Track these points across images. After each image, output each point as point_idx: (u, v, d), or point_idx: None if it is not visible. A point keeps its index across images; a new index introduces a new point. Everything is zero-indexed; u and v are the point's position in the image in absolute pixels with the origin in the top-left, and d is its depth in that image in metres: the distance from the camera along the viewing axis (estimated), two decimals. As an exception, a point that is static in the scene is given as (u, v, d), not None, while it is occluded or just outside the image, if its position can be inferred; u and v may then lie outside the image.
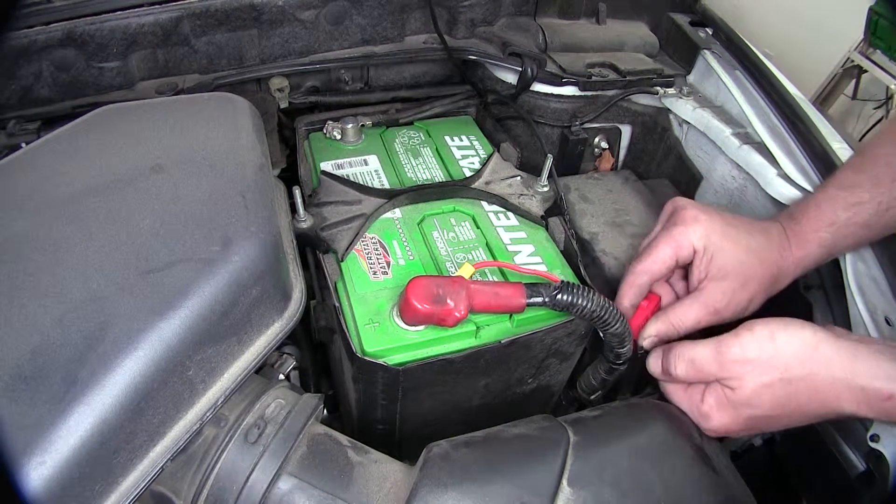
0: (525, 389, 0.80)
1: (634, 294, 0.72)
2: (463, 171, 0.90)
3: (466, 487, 0.55)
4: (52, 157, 0.65)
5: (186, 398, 0.53)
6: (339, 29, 1.01)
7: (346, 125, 0.92)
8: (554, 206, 0.86)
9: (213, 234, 0.56)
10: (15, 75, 0.86)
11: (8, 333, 0.47)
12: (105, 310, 0.49)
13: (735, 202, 0.92)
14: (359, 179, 0.85)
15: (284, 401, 0.60)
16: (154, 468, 0.50)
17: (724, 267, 0.69)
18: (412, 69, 1.09)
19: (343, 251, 0.74)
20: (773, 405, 0.60)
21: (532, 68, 1.00)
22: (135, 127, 0.68)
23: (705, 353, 0.63)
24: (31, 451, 0.42)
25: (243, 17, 0.93)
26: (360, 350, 0.65)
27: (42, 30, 0.84)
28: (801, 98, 0.93)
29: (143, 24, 0.89)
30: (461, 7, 1.06)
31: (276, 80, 0.97)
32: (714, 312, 0.70)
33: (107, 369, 0.46)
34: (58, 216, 0.56)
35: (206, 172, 0.61)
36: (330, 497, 0.56)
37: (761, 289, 0.71)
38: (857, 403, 0.57)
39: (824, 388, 0.58)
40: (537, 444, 0.60)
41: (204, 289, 0.52)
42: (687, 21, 1.17)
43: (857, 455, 0.72)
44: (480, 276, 0.73)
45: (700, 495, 0.59)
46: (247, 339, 0.58)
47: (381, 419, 0.72)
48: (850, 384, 0.57)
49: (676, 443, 0.62)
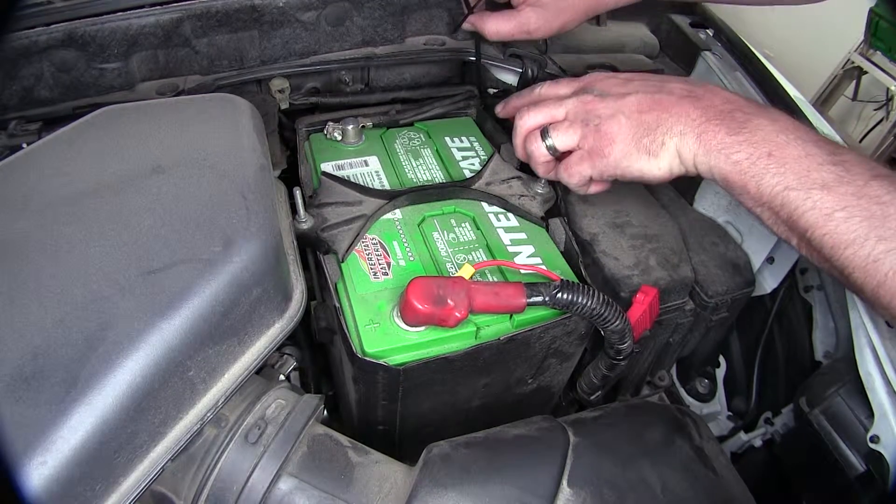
0: (525, 390, 0.80)
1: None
2: (463, 172, 0.90)
3: (466, 488, 0.55)
4: (52, 158, 0.65)
5: (187, 398, 0.53)
6: (339, 30, 1.01)
7: (347, 126, 0.92)
8: (554, 207, 0.86)
9: (213, 234, 0.56)
10: (16, 76, 0.86)
11: (9, 334, 0.47)
12: (106, 310, 0.49)
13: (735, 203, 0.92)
14: (359, 180, 0.85)
15: (285, 401, 0.60)
16: (155, 468, 0.50)
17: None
18: (413, 70, 1.09)
19: (343, 252, 0.74)
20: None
21: (532, 69, 1.00)
22: (136, 128, 0.68)
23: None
24: (31, 451, 0.42)
25: (244, 18, 0.93)
26: (361, 350, 0.65)
27: (43, 31, 0.84)
28: (801, 99, 0.93)
29: (144, 25, 0.89)
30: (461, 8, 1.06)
31: (276, 81, 0.97)
32: (527, 31, 0.89)
33: (108, 369, 0.46)
34: (59, 216, 0.57)
35: (206, 173, 0.61)
36: (330, 497, 0.56)
37: (576, 17, 0.89)
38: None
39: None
40: (537, 444, 0.60)
41: (205, 289, 0.52)
42: (687, 22, 1.17)
43: (857, 456, 0.72)
44: (481, 276, 0.73)
45: (700, 496, 0.59)
46: (247, 339, 0.58)
47: (381, 420, 0.73)
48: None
49: (676, 443, 0.62)
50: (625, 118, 0.68)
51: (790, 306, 0.95)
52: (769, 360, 1.00)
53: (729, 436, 1.03)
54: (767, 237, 0.87)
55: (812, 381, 0.80)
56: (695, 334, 0.96)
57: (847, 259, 0.55)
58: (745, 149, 0.61)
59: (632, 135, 0.68)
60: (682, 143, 0.65)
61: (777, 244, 0.87)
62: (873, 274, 0.53)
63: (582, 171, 0.72)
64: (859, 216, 0.54)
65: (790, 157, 0.59)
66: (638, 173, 0.69)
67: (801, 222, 0.58)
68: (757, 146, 0.60)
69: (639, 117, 0.68)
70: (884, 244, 0.53)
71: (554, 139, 0.74)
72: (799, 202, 0.57)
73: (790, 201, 0.58)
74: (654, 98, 0.68)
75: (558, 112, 0.75)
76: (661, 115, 0.66)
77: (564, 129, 0.73)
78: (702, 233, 0.91)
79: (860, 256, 0.54)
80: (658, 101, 0.67)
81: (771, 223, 0.62)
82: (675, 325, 0.90)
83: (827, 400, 0.75)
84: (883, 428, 0.66)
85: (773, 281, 0.92)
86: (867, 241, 0.54)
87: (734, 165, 0.61)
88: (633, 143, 0.67)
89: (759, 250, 0.89)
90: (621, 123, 0.68)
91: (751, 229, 0.90)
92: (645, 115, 0.67)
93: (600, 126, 0.70)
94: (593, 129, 0.70)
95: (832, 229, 0.56)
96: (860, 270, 0.54)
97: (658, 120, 0.66)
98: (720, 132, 0.62)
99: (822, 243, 0.57)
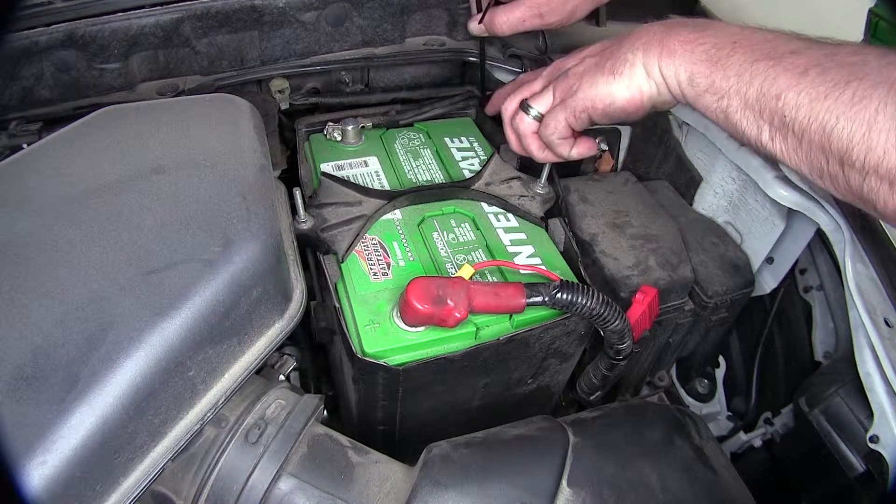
0: (525, 390, 0.80)
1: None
2: (463, 172, 0.90)
3: (466, 488, 0.55)
4: (53, 158, 0.65)
5: (187, 398, 0.53)
6: (339, 30, 1.01)
7: (347, 126, 0.92)
8: (554, 207, 0.86)
9: (214, 234, 0.56)
10: (16, 76, 0.86)
11: (9, 334, 0.47)
12: (106, 310, 0.49)
13: (735, 203, 0.92)
14: (359, 181, 0.86)
15: (285, 401, 0.60)
16: (155, 468, 0.50)
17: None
18: (412, 71, 1.09)
19: (343, 252, 0.74)
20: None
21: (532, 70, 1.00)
22: (136, 128, 0.69)
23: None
24: (32, 451, 0.42)
25: (244, 18, 0.93)
26: (361, 351, 0.65)
27: (43, 31, 0.84)
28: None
29: (145, 25, 0.89)
30: (461, 8, 1.07)
31: (276, 82, 0.97)
32: (538, 15, 0.86)
33: (108, 369, 0.46)
34: (59, 217, 0.57)
35: (206, 173, 0.61)
36: (330, 497, 0.56)
37: (585, 3, 0.87)
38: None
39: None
40: (537, 444, 0.61)
41: (205, 289, 0.52)
42: (687, 23, 1.17)
43: (857, 456, 0.72)
44: (480, 277, 0.73)
45: (699, 496, 0.59)
46: (247, 339, 0.58)
47: (381, 420, 0.73)
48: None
49: (676, 443, 0.62)
50: (590, 57, 0.71)
51: (790, 306, 0.95)
52: (769, 361, 1.00)
53: (729, 436, 1.03)
54: (767, 237, 0.87)
55: (812, 381, 0.80)
56: (694, 334, 0.96)
57: (829, 110, 0.49)
58: (710, 40, 0.60)
59: (595, 63, 0.69)
60: (645, 55, 0.64)
61: (777, 244, 0.87)
62: (863, 116, 0.47)
63: (557, 118, 0.72)
64: (835, 68, 0.50)
65: (756, 40, 0.57)
66: (608, 99, 0.67)
67: (772, 90, 0.53)
68: (721, 38, 0.59)
69: (602, 50, 0.70)
70: (868, 82, 0.48)
71: (534, 105, 0.75)
72: (769, 70, 0.54)
73: (759, 72, 0.54)
74: (618, 38, 0.70)
75: (535, 85, 0.78)
76: (623, 40, 0.68)
77: (541, 95, 0.75)
78: (701, 233, 0.91)
79: (843, 101, 0.48)
80: (621, 37, 0.69)
81: (738, 117, 0.58)
82: (674, 325, 0.90)
83: (826, 400, 0.75)
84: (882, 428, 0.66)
85: (772, 281, 0.92)
86: (849, 84, 0.48)
87: (700, 55, 0.60)
88: (597, 71, 0.68)
89: (758, 250, 0.89)
90: (586, 62, 0.71)
91: (750, 229, 0.90)
92: (609, 48, 0.69)
93: (568, 72, 0.72)
94: (563, 78, 0.72)
95: (808, 83, 0.51)
96: (846, 118, 0.48)
97: (620, 43, 0.67)
98: (683, 32, 0.62)
99: (798, 104, 0.51)
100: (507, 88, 0.86)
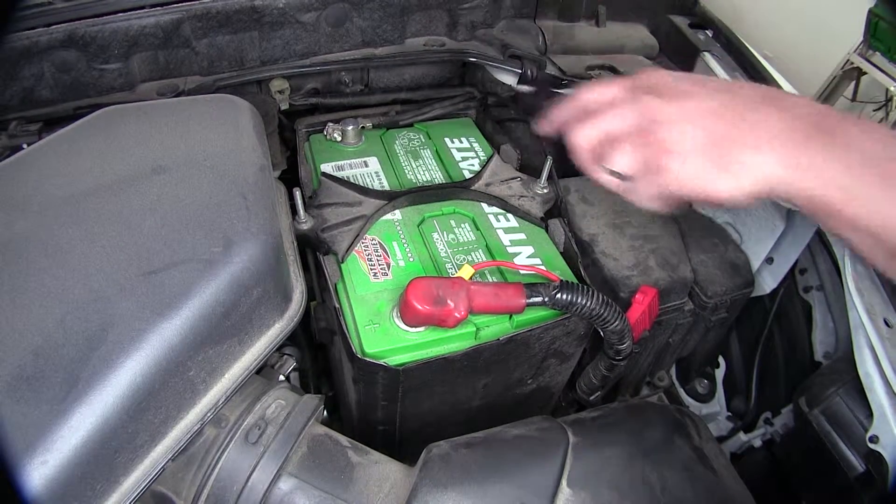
0: (525, 390, 0.80)
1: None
2: (463, 172, 0.90)
3: (466, 488, 0.55)
4: (53, 159, 0.65)
5: (187, 398, 0.53)
6: (339, 31, 1.01)
7: (347, 127, 0.93)
8: (554, 207, 0.86)
9: (214, 234, 0.56)
10: (16, 76, 0.86)
11: (10, 334, 0.47)
12: (107, 310, 0.49)
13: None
14: (359, 181, 0.86)
15: (285, 401, 0.61)
16: (155, 468, 0.50)
17: None
18: (412, 71, 1.09)
19: (343, 252, 0.74)
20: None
21: (532, 70, 1.00)
22: (136, 128, 0.69)
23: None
24: (32, 451, 0.42)
25: (244, 19, 0.93)
26: (361, 351, 0.65)
27: (44, 31, 0.84)
28: (800, 100, 0.93)
29: (145, 25, 0.89)
30: (461, 9, 1.07)
31: (276, 82, 0.97)
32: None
33: (108, 369, 0.46)
34: (59, 217, 0.57)
35: (207, 174, 0.62)
36: (330, 497, 0.56)
37: None
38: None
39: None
40: (537, 444, 0.61)
41: (205, 289, 0.52)
42: (686, 23, 1.17)
43: (857, 456, 0.72)
44: (480, 277, 0.73)
45: (699, 496, 0.59)
46: (247, 339, 0.58)
47: (381, 420, 0.73)
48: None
49: (676, 443, 0.63)
50: (689, 125, 0.55)
51: (790, 307, 0.95)
52: (769, 361, 1.00)
53: (728, 436, 1.03)
54: (767, 238, 0.87)
55: (812, 381, 0.80)
56: (694, 335, 0.96)
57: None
58: (840, 162, 0.49)
59: (700, 146, 0.54)
60: (761, 157, 0.52)
61: (776, 245, 0.87)
62: None
63: (646, 191, 0.60)
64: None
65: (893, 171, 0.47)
66: (710, 194, 0.54)
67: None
68: (852, 156, 0.49)
69: (705, 123, 0.54)
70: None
71: (614, 166, 0.61)
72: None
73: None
74: (725, 99, 0.55)
75: (612, 123, 0.61)
76: (734, 121, 0.53)
77: (622, 149, 0.60)
78: (701, 233, 0.92)
79: None
80: (729, 105, 0.54)
81: (871, 253, 0.50)
82: (674, 325, 0.90)
83: (826, 400, 0.75)
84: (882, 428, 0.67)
85: (772, 281, 0.92)
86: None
87: (826, 182, 0.49)
88: (699, 157, 0.54)
89: (758, 251, 0.89)
90: (685, 132, 0.55)
91: (750, 230, 0.90)
92: (714, 122, 0.54)
93: (658, 133, 0.56)
94: (651, 139, 0.57)
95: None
96: None
97: (731, 128, 0.53)
98: (809, 143, 0.50)
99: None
100: (571, 108, 0.65)
